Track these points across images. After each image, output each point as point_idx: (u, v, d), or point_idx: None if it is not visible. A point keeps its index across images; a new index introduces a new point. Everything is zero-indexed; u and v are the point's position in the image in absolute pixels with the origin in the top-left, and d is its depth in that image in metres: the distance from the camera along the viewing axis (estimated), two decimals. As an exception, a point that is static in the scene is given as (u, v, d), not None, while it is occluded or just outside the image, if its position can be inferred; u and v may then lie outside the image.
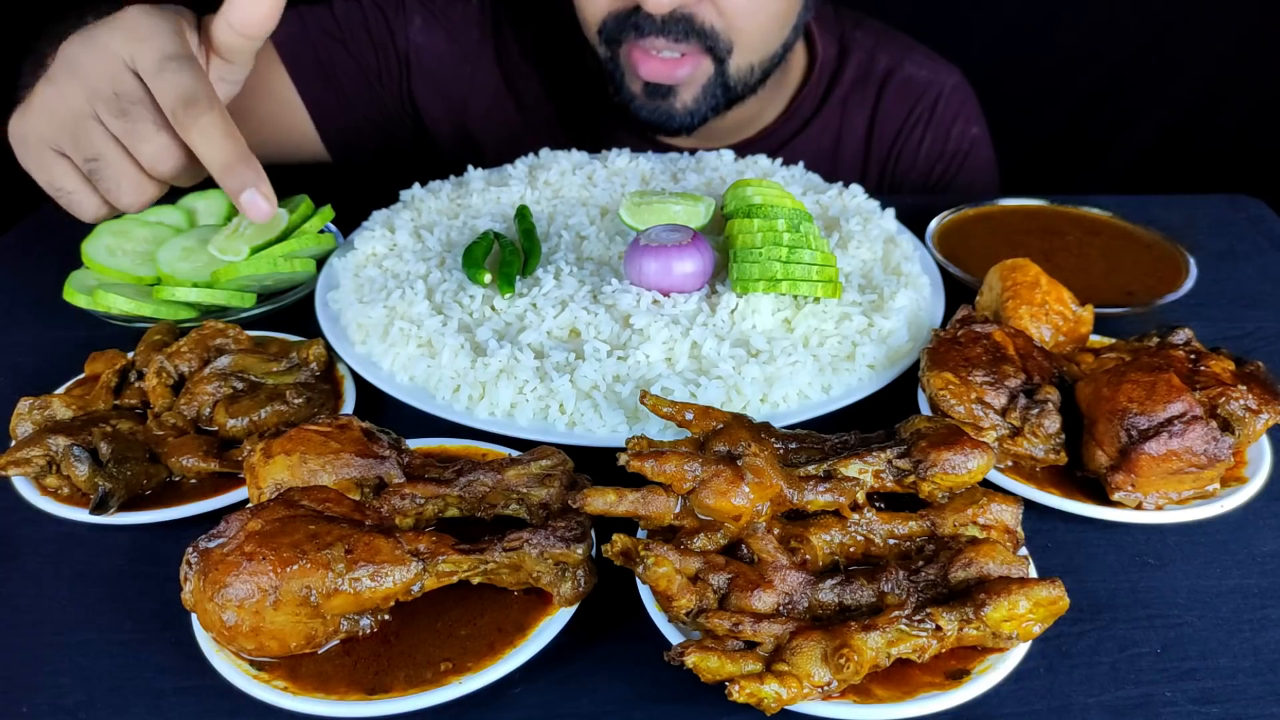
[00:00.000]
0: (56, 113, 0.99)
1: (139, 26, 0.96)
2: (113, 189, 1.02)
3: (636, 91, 1.57)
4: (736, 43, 1.51)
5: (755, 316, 1.09)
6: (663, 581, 0.75)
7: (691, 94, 1.55)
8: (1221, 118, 2.53)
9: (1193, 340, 1.02)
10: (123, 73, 0.96)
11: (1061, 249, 1.35)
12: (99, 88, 0.96)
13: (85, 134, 0.99)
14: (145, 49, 0.95)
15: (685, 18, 1.46)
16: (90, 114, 0.98)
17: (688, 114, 1.57)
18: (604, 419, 1.00)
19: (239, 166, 0.95)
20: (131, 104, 0.96)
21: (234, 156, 0.95)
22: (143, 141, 0.98)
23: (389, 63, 1.71)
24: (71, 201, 1.04)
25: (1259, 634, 0.84)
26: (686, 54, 1.50)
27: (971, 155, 1.82)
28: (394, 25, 1.69)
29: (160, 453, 0.95)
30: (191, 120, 0.93)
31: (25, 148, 1.02)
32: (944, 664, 0.75)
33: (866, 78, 1.77)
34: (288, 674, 0.74)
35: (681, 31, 1.46)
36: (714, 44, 1.49)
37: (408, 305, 1.12)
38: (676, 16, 1.45)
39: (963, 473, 0.84)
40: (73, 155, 1.00)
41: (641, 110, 1.59)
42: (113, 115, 0.97)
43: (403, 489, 0.84)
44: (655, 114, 1.58)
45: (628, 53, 1.53)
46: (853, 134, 1.78)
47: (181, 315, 1.18)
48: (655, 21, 1.45)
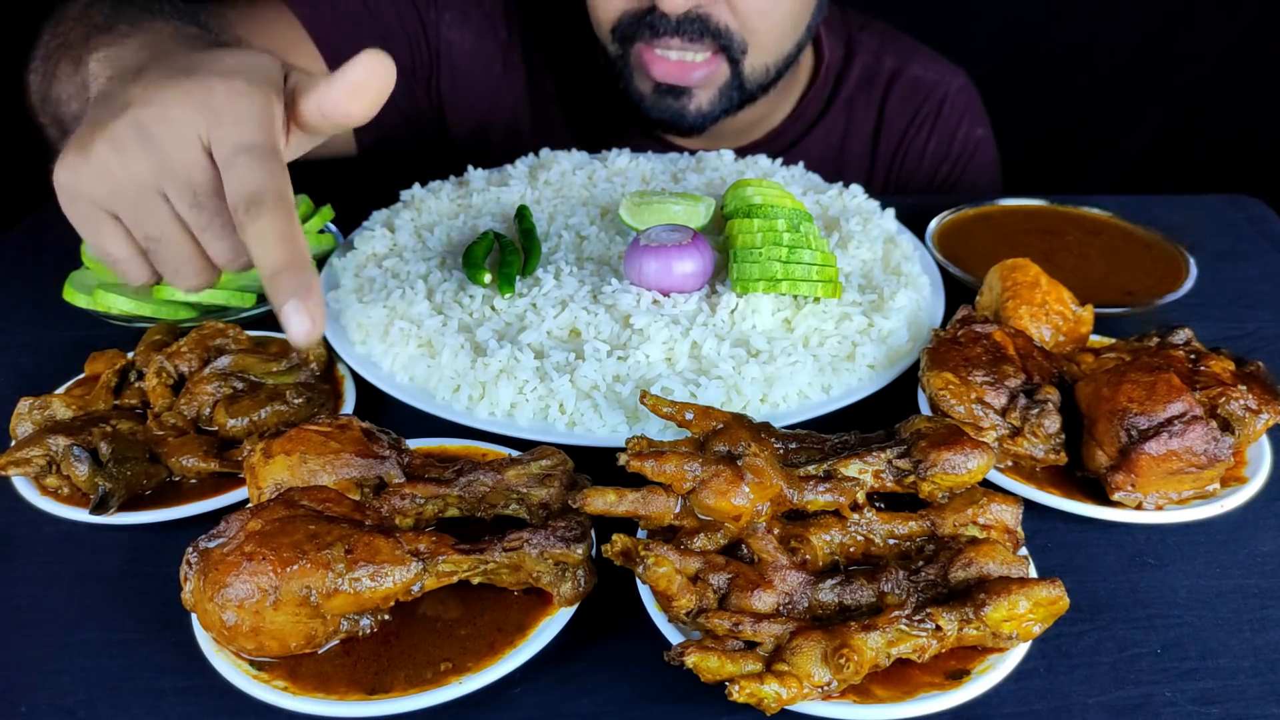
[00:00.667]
0: (118, 181, 0.88)
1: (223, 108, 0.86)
2: (169, 272, 0.92)
3: (645, 91, 1.56)
4: (751, 43, 1.50)
5: (755, 316, 1.09)
6: (663, 581, 0.75)
7: (707, 96, 1.55)
8: (1221, 118, 2.53)
9: (1193, 340, 1.02)
10: (199, 159, 0.87)
11: (1061, 249, 1.34)
12: (173, 171, 0.87)
13: (150, 213, 0.89)
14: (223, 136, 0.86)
15: (700, 18, 1.45)
16: (157, 191, 0.88)
17: (700, 115, 1.57)
18: (604, 419, 1.00)
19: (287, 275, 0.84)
20: (207, 197, 0.87)
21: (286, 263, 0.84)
22: (215, 240, 0.89)
23: (420, 56, 1.69)
24: (119, 268, 0.93)
25: (1259, 634, 0.84)
26: (703, 58, 1.49)
27: (976, 156, 1.82)
28: (425, 19, 1.68)
29: (160, 453, 0.95)
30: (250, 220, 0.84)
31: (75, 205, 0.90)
32: (944, 664, 0.75)
33: (872, 79, 1.77)
34: (288, 674, 0.74)
35: (696, 31, 1.46)
36: (729, 44, 1.49)
37: (408, 305, 1.12)
38: (691, 16, 1.44)
39: (963, 473, 0.84)
40: (132, 227, 0.90)
41: (651, 110, 1.58)
42: (185, 205, 0.88)
43: (403, 489, 0.84)
44: (665, 113, 1.58)
45: (639, 52, 1.52)
46: (859, 135, 1.78)
47: (181, 315, 1.18)
48: (670, 21, 1.45)
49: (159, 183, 0.87)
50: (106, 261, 0.93)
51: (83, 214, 0.90)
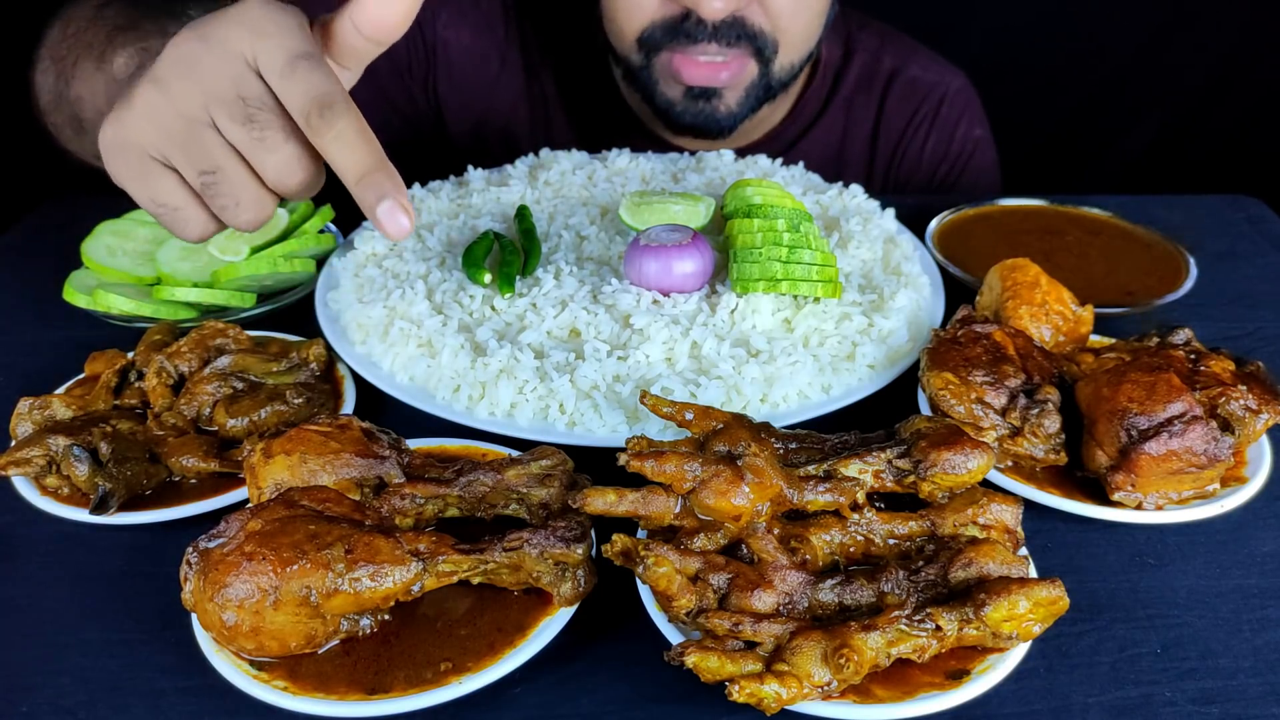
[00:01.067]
0: (165, 119, 0.86)
1: (263, 22, 0.84)
2: (229, 205, 0.90)
3: (675, 96, 1.55)
4: (782, 42, 1.51)
5: (755, 316, 1.09)
6: (663, 581, 0.75)
7: (736, 96, 1.55)
8: (1221, 118, 2.53)
9: (1193, 340, 1.02)
10: (246, 74, 0.85)
11: (1061, 249, 1.35)
12: (219, 91, 0.84)
13: (201, 143, 0.86)
14: (272, 46, 0.84)
15: (737, 21, 1.45)
16: (207, 121, 0.86)
17: (730, 116, 1.57)
18: (604, 419, 1.00)
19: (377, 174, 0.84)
20: (258, 110, 0.85)
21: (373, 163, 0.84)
22: (270, 152, 0.86)
23: (416, 54, 1.69)
24: (176, 219, 0.92)
25: (1259, 634, 0.84)
26: (732, 58, 1.49)
27: (975, 157, 1.82)
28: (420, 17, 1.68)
29: (160, 453, 0.95)
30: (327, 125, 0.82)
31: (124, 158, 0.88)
32: (944, 664, 0.75)
33: (871, 79, 1.77)
34: (288, 674, 0.74)
35: (734, 35, 1.46)
36: (762, 45, 1.49)
37: (408, 305, 1.12)
38: (728, 21, 1.44)
39: (963, 473, 0.84)
40: (183, 167, 0.88)
41: (684, 115, 1.57)
42: (235, 122, 0.85)
43: (403, 489, 0.84)
44: (698, 117, 1.57)
45: (669, 60, 1.51)
46: (858, 135, 1.78)
47: (181, 315, 1.18)
48: (707, 28, 1.44)
49: (207, 109, 0.85)
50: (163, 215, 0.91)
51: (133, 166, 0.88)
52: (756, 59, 1.51)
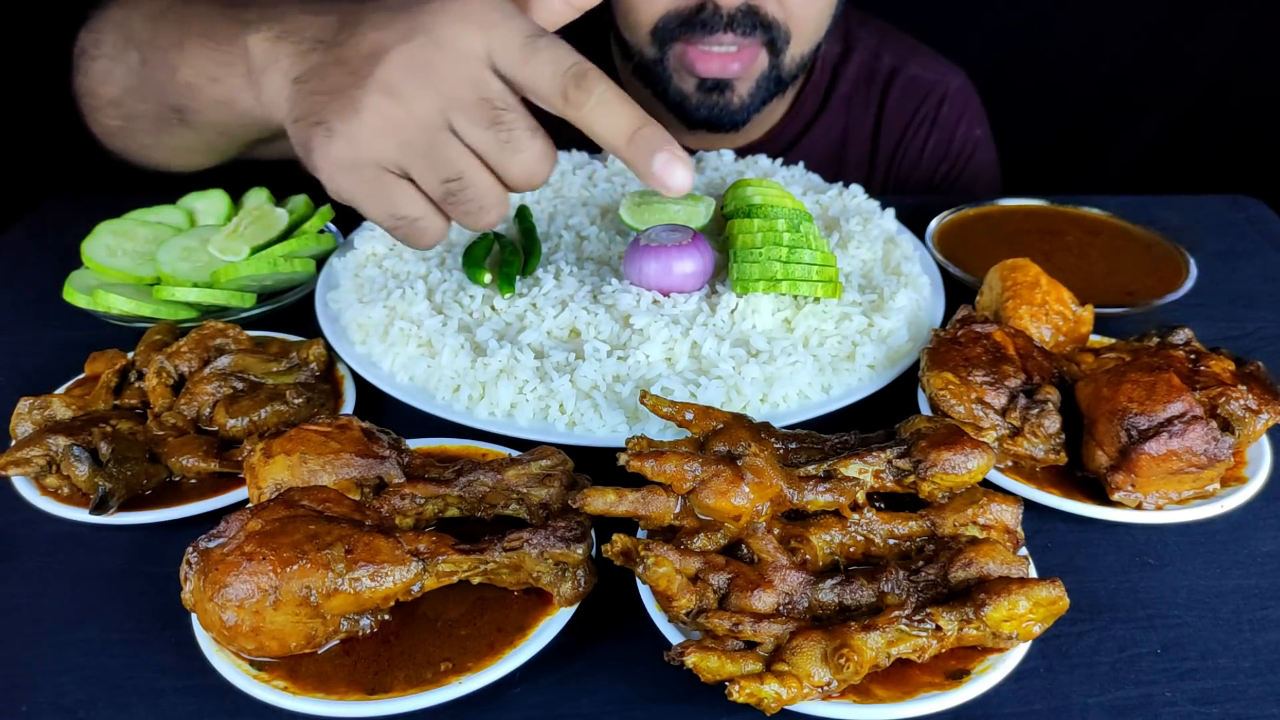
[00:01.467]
0: (404, 130, 0.81)
1: (486, 12, 0.81)
2: (473, 210, 0.87)
3: (689, 90, 1.55)
4: (794, 33, 1.51)
5: (755, 316, 1.09)
6: (663, 581, 0.75)
7: (747, 87, 1.55)
8: (1221, 118, 2.53)
9: (1193, 340, 1.02)
10: (485, 73, 0.81)
11: (1061, 249, 1.34)
12: (459, 95, 0.81)
13: (444, 151, 0.83)
14: (503, 35, 0.80)
15: (752, 10, 1.45)
16: (446, 127, 0.82)
17: (744, 108, 1.57)
18: (604, 419, 1.00)
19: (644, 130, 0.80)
20: (503, 110, 0.82)
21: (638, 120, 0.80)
22: (517, 152, 0.83)
23: None
24: (414, 229, 0.88)
25: (1259, 634, 0.84)
26: (743, 48, 1.49)
27: (975, 156, 1.82)
28: None
29: (160, 453, 0.95)
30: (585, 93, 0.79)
31: (357, 174, 0.84)
32: (944, 664, 0.75)
33: (871, 77, 1.77)
34: (288, 674, 0.74)
35: (750, 25, 1.45)
36: (775, 36, 1.49)
37: (408, 305, 1.12)
38: (744, 10, 1.44)
39: (963, 473, 0.84)
40: (423, 178, 0.85)
41: (699, 108, 1.57)
42: (480, 126, 0.82)
43: (403, 489, 0.84)
44: (713, 110, 1.56)
45: (682, 51, 1.50)
46: (858, 134, 1.78)
47: (181, 315, 1.18)
48: (723, 17, 1.44)
49: (446, 115, 0.82)
50: (400, 228, 0.87)
51: (368, 183, 0.84)
52: (768, 50, 1.51)
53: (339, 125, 0.82)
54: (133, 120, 1.15)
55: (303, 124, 0.85)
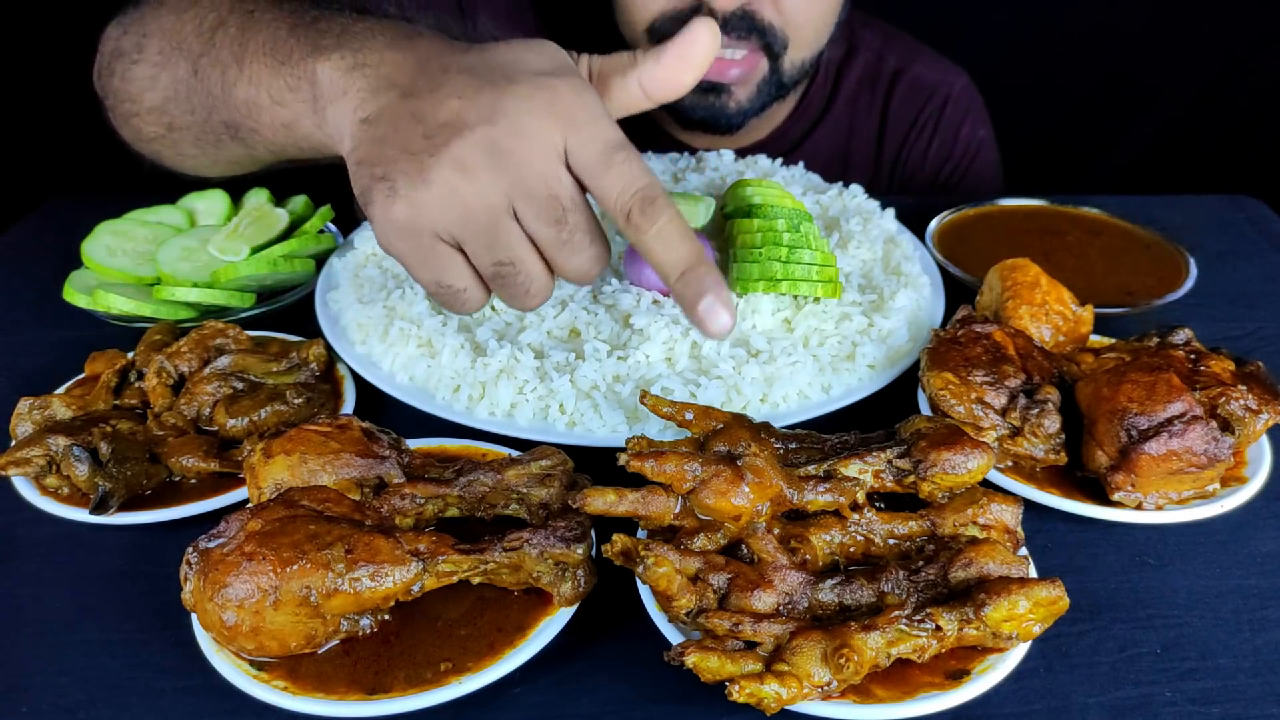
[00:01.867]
0: (468, 206, 0.80)
1: (575, 109, 0.81)
2: (519, 295, 0.87)
3: None
4: (792, 39, 1.50)
5: (755, 316, 1.09)
6: (663, 581, 0.75)
7: (746, 92, 1.54)
8: (1221, 118, 2.53)
9: (1193, 340, 1.02)
10: (559, 170, 0.81)
11: (1061, 249, 1.35)
12: (530, 186, 0.80)
13: (504, 236, 0.82)
14: (586, 139, 0.81)
15: (747, 15, 1.44)
16: (509, 212, 0.82)
17: (740, 111, 1.56)
18: (604, 419, 1.00)
19: (698, 270, 0.82)
20: (568, 211, 0.82)
21: (693, 259, 0.82)
22: (575, 254, 0.84)
23: None
24: (456, 298, 0.87)
25: (1259, 634, 0.84)
26: (741, 55, 1.48)
27: (978, 158, 1.82)
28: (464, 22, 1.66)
29: (160, 453, 0.95)
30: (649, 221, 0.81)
31: (413, 239, 0.83)
32: (944, 664, 0.75)
33: (875, 77, 1.77)
34: (288, 674, 0.74)
35: (745, 29, 1.45)
36: (771, 40, 1.48)
37: (408, 305, 1.12)
38: (739, 14, 1.43)
39: (963, 473, 0.84)
40: (477, 255, 0.84)
41: (694, 109, 1.56)
42: (544, 222, 0.82)
43: (403, 489, 0.84)
44: (709, 111, 1.56)
45: None
46: (863, 135, 1.78)
47: (181, 315, 1.18)
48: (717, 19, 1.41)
49: (511, 202, 0.81)
50: (443, 294, 0.87)
51: (422, 249, 0.83)
52: (766, 54, 1.50)
53: (404, 189, 0.81)
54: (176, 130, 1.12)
55: (365, 170, 0.84)
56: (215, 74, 1.02)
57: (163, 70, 1.08)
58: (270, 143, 1.01)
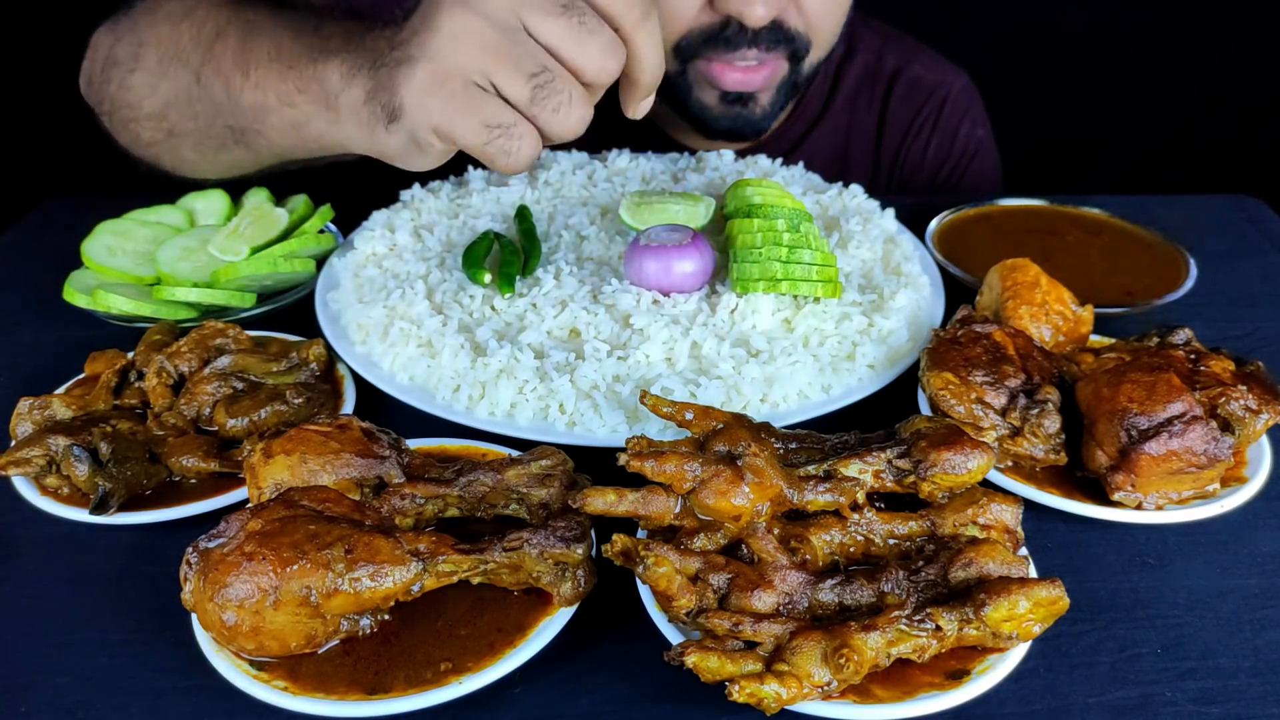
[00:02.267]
0: (483, 35, 0.85)
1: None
2: (561, 105, 0.89)
3: (711, 102, 1.55)
4: (814, 42, 1.51)
5: (755, 316, 1.09)
6: (663, 581, 0.75)
7: (769, 97, 1.55)
8: (1221, 118, 2.53)
9: (1193, 340, 1.02)
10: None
11: (1061, 249, 1.34)
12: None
13: (525, 48, 0.87)
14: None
15: (776, 25, 1.44)
16: (520, 27, 0.86)
17: (766, 116, 1.57)
18: (604, 419, 1.00)
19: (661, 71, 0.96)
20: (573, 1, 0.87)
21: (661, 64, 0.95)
22: (592, 34, 0.87)
23: None
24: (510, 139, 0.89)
25: (1259, 634, 0.84)
26: (765, 60, 1.49)
27: (977, 158, 1.82)
28: None
29: (160, 453, 0.95)
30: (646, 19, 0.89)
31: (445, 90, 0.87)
32: (944, 664, 0.75)
33: (874, 77, 1.77)
34: (288, 674, 0.74)
35: (774, 40, 1.45)
36: (798, 46, 1.49)
37: (408, 305, 1.12)
38: (768, 26, 1.44)
39: (963, 473, 0.84)
40: (509, 79, 0.87)
41: (721, 120, 1.57)
42: (551, 15, 0.86)
43: (403, 489, 0.84)
44: (736, 121, 1.57)
45: (706, 66, 1.50)
46: (862, 135, 1.78)
47: (181, 315, 1.18)
48: (748, 34, 1.43)
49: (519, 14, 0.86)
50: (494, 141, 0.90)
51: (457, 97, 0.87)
52: (790, 60, 1.51)
53: (418, 50, 0.86)
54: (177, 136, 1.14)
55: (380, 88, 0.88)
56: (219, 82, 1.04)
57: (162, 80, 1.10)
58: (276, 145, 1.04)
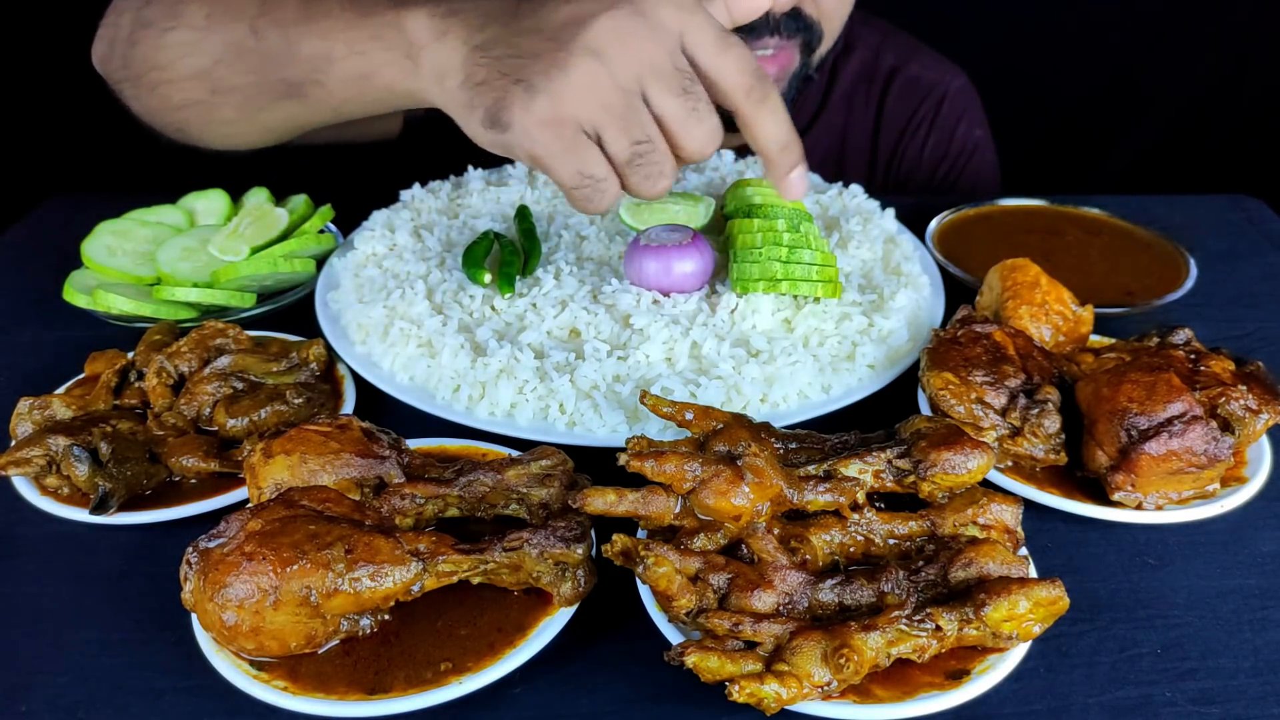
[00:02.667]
0: (605, 91, 0.88)
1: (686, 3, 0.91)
2: (652, 174, 0.94)
3: None
4: (826, 31, 1.51)
5: (755, 316, 1.09)
6: (663, 581, 0.75)
7: (782, 88, 1.54)
8: (1222, 118, 2.53)
9: (1193, 340, 1.02)
10: (679, 49, 0.91)
11: (1061, 249, 1.35)
12: (657, 64, 0.89)
13: (638, 115, 0.91)
14: (702, 23, 0.90)
15: (794, 12, 1.45)
16: (640, 93, 0.90)
17: None
18: (604, 419, 1.00)
19: (795, 144, 0.96)
20: (692, 82, 0.91)
21: (792, 135, 0.96)
22: (701, 122, 0.92)
23: None
24: (595, 190, 0.93)
25: (1259, 634, 0.84)
26: (784, 48, 1.49)
27: (975, 157, 1.82)
28: None
29: (160, 453, 0.95)
30: (763, 97, 0.92)
31: (557, 131, 0.90)
32: (944, 664, 0.75)
33: (871, 75, 1.77)
34: (288, 674, 0.74)
35: (794, 28, 1.45)
36: (811, 36, 1.49)
37: (408, 305, 1.12)
38: (789, 13, 1.43)
39: (963, 473, 0.84)
40: (615, 139, 0.91)
41: None
42: (671, 94, 0.90)
43: (403, 489, 0.84)
44: None
45: None
46: (859, 133, 1.78)
47: (181, 315, 1.18)
48: (770, 21, 1.43)
49: (642, 82, 0.90)
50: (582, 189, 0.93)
51: (565, 140, 0.90)
52: (803, 50, 1.51)
53: (543, 83, 0.87)
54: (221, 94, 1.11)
55: (489, 87, 0.90)
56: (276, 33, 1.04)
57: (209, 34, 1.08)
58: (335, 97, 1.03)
